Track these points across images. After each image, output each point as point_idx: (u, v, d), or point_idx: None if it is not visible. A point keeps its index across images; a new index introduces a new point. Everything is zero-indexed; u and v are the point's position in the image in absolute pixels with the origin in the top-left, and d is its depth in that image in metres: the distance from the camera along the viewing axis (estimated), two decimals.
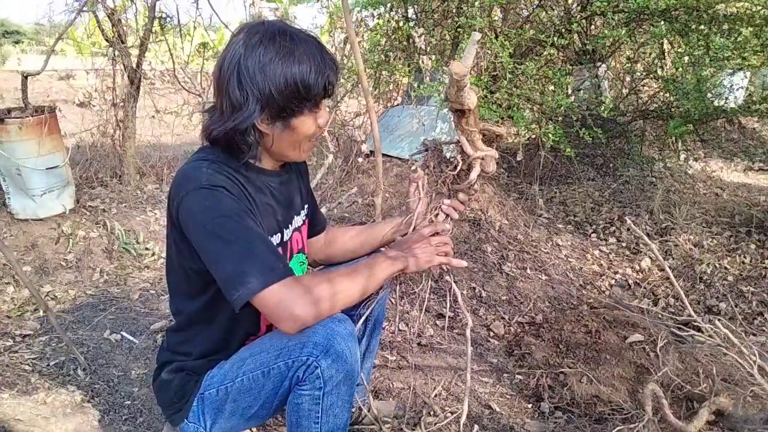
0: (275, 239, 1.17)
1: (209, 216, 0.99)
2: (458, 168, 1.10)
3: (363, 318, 1.25)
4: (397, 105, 4.37)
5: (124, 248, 2.77)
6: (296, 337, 1.00)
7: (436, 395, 1.79)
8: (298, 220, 1.28)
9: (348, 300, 1.04)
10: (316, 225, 1.41)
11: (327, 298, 0.99)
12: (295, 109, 1.04)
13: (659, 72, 3.61)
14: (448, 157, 1.15)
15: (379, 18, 3.96)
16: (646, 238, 1.49)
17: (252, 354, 1.09)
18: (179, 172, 1.06)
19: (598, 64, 3.88)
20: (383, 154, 3.32)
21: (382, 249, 1.32)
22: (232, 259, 0.96)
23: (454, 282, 1.20)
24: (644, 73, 3.73)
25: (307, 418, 1.05)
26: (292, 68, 1.00)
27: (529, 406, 1.77)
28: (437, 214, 1.21)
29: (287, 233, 1.22)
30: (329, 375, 1.00)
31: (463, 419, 1.20)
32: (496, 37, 3.09)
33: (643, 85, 3.94)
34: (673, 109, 3.36)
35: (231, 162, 1.09)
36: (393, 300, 2.22)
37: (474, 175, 1.09)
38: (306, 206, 1.34)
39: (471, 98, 1.01)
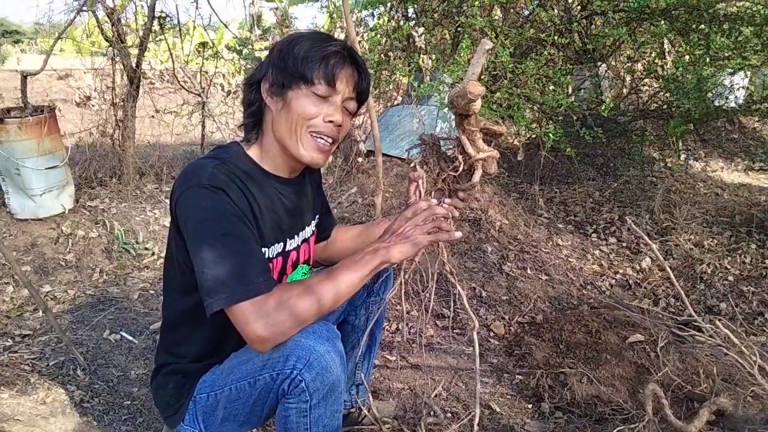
0: (276, 248, 1.16)
1: (201, 217, 0.98)
2: (459, 168, 1.10)
3: (368, 331, 1.26)
4: (397, 104, 4.37)
5: (123, 248, 2.77)
6: (279, 349, 0.98)
7: (436, 395, 1.78)
8: (307, 231, 1.27)
9: (323, 310, 0.99)
10: (326, 230, 1.41)
11: (294, 316, 0.96)
12: (292, 81, 1.05)
13: (659, 71, 3.60)
14: (446, 153, 1.14)
15: (379, 18, 3.96)
16: (646, 237, 1.49)
17: (240, 363, 1.07)
18: (187, 166, 1.06)
19: (599, 63, 3.87)
20: (383, 154, 3.32)
21: None
22: (212, 266, 0.95)
23: (458, 282, 1.19)
24: (644, 73, 3.72)
25: (296, 431, 1.03)
26: (303, 41, 1.06)
27: (530, 406, 1.77)
28: None
29: (291, 243, 1.21)
30: (314, 388, 0.98)
31: (476, 420, 1.19)
32: (497, 37, 3.08)
33: (644, 85, 3.93)
34: (673, 109, 3.35)
35: (245, 164, 1.09)
36: (393, 300, 2.22)
37: (477, 177, 1.08)
38: (317, 216, 1.34)
39: (476, 103, 1.01)
